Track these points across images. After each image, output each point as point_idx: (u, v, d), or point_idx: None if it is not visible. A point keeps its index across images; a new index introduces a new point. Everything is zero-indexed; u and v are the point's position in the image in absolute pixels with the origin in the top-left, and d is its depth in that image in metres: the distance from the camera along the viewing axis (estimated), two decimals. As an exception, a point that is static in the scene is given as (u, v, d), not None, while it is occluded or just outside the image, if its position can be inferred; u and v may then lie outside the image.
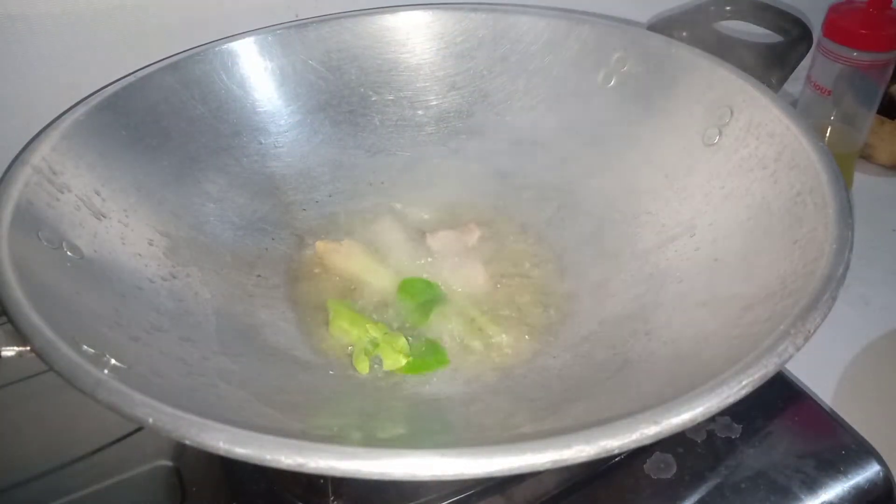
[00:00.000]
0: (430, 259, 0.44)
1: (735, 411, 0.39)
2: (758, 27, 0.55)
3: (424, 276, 0.43)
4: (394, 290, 0.42)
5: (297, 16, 0.52)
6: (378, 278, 0.43)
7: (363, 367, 0.38)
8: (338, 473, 0.23)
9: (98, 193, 0.38)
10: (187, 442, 0.24)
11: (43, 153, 0.36)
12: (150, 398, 0.25)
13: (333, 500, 0.35)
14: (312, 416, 0.34)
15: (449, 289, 0.43)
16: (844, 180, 0.35)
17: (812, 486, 0.36)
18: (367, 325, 0.39)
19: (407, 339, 0.39)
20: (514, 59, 0.50)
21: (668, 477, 0.37)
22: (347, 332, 0.39)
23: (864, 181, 0.63)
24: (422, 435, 0.34)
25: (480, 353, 0.39)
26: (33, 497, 0.36)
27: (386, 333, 0.39)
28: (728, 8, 0.56)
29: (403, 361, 0.38)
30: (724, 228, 0.39)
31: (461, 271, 0.43)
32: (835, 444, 0.38)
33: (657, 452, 0.38)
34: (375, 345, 0.38)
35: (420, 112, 0.51)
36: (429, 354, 0.39)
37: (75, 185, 0.37)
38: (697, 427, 0.39)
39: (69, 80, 0.46)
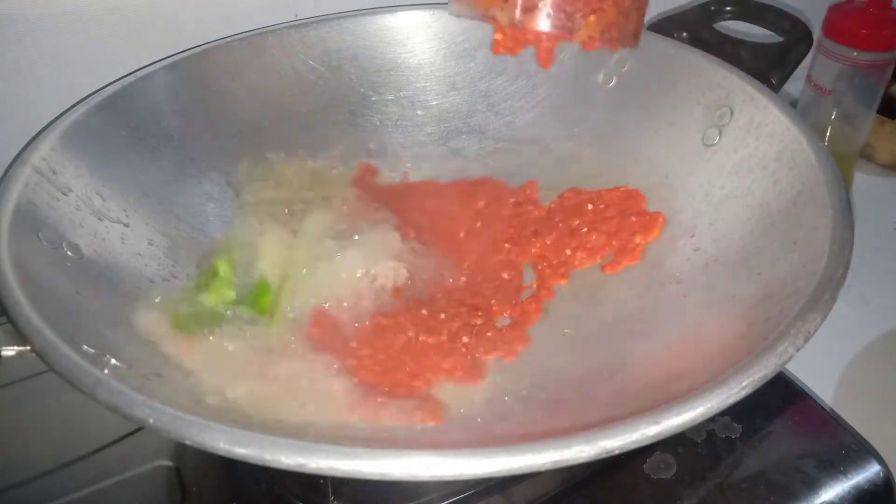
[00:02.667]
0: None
1: (735, 411, 0.39)
2: (758, 27, 0.55)
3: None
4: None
5: (297, 16, 0.51)
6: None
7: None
8: (338, 474, 0.23)
9: (98, 193, 0.38)
10: (187, 442, 0.24)
11: (43, 153, 0.36)
12: (150, 398, 0.25)
13: (333, 500, 0.35)
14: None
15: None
16: (844, 180, 0.35)
17: (812, 486, 0.36)
18: (225, 261, 0.40)
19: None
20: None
21: (668, 477, 0.37)
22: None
23: (864, 181, 0.63)
24: (421, 435, 0.34)
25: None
26: (33, 497, 0.36)
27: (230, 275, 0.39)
28: (728, 8, 0.56)
29: (222, 306, 0.38)
30: (724, 228, 0.39)
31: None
32: (835, 444, 0.38)
33: (657, 452, 0.38)
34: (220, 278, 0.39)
35: (420, 112, 0.51)
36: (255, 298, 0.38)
37: (75, 185, 0.37)
38: (697, 427, 0.39)
39: (69, 80, 0.46)
